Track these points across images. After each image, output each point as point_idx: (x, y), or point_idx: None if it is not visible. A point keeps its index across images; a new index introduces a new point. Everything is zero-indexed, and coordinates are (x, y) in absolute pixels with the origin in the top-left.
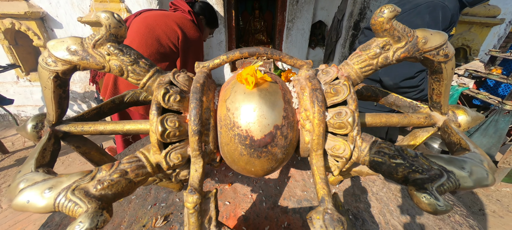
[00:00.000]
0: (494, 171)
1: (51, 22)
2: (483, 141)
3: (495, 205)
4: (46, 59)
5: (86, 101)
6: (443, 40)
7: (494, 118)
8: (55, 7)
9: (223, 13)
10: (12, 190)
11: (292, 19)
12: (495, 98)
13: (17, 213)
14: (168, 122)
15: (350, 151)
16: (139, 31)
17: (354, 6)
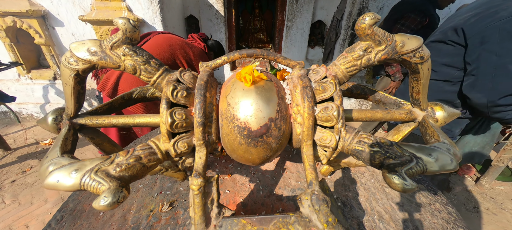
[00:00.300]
0: (459, 158)
1: (53, 20)
2: (477, 139)
3: (489, 202)
4: (69, 59)
5: (87, 99)
6: (419, 44)
7: None
8: (57, 6)
9: (223, 12)
10: (43, 172)
11: (291, 19)
12: None
13: (20, 209)
14: (176, 115)
15: (335, 141)
16: (161, 46)
17: (353, 6)
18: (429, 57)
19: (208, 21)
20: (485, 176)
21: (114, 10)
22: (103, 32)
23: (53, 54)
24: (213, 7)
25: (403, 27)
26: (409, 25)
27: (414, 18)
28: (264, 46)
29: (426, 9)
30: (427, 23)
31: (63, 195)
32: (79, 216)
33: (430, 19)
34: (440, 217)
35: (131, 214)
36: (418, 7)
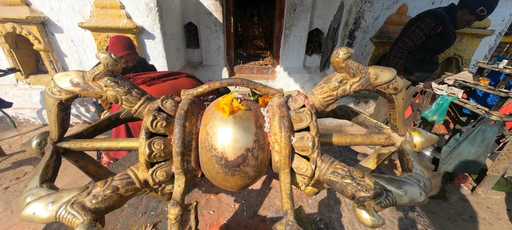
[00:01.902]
0: (429, 190)
1: (52, 27)
2: (472, 150)
3: (485, 212)
4: (52, 89)
5: (84, 104)
6: (392, 76)
7: (481, 128)
8: (57, 12)
9: (222, 19)
10: (20, 203)
11: (289, 27)
12: (482, 108)
13: (12, 216)
14: (154, 145)
15: (311, 170)
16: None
17: (349, 16)
18: (403, 88)
19: (207, 28)
20: (481, 185)
21: (113, 17)
22: (102, 39)
23: (52, 60)
24: (212, 15)
25: (417, 29)
26: (422, 28)
27: (429, 22)
28: (262, 52)
29: (442, 17)
30: (440, 31)
31: None
32: None
33: (444, 28)
34: None
35: None
36: (436, 14)
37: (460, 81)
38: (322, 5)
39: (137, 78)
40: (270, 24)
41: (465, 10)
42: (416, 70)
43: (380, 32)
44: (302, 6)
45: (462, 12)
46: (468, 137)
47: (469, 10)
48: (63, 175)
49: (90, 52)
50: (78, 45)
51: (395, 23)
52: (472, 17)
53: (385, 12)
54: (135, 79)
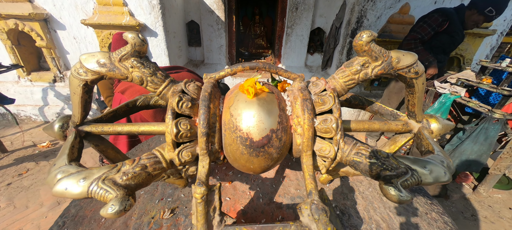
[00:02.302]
0: (452, 170)
1: (54, 24)
2: (474, 148)
3: (487, 211)
4: (78, 70)
5: None
6: (414, 60)
7: (484, 126)
8: (59, 9)
9: (224, 18)
10: (51, 180)
11: (291, 26)
12: (485, 107)
13: (15, 212)
14: (181, 125)
15: (334, 152)
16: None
17: (352, 14)
18: (423, 72)
19: (209, 27)
20: (482, 184)
21: (116, 14)
22: (105, 36)
23: (54, 57)
24: (214, 13)
25: (425, 24)
26: (430, 24)
27: (436, 17)
28: (264, 51)
29: (450, 14)
30: (446, 27)
31: (59, 199)
32: (81, 222)
33: (450, 25)
34: (436, 227)
35: (133, 221)
36: (443, 11)
37: (463, 80)
38: (324, 4)
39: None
40: (271, 23)
41: (474, 10)
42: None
43: (383, 31)
44: (304, 5)
45: (471, 12)
46: (471, 135)
47: (478, 11)
48: None
49: (92, 49)
50: (80, 42)
51: (397, 22)
52: (480, 18)
53: (388, 11)
54: None
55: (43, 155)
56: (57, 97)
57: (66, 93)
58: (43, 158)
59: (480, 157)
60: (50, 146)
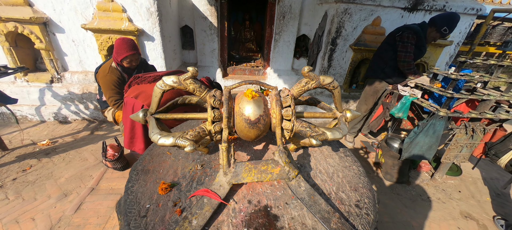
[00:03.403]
0: (344, 132)
1: (54, 27)
2: (426, 140)
3: (441, 193)
4: (161, 85)
5: (83, 101)
6: (331, 80)
7: (432, 122)
8: (59, 14)
9: (216, 23)
10: (155, 138)
11: (279, 32)
12: (434, 106)
13: (25, 204)
14: (215, 112)
15: (291, 126)
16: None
17: (332, 25)
18: (338, 86)
19: (202, 32)
20: (437, 171)
21: (115, 20)
22: (104, 40)
23: (52, 59)
24: (207, 19)
25: (410, 44)
26: (411, 42)
27: (412, 36)
28: (254, 55)
29: (418, 31)
30: (416, 42)
31: (65, 191)
32: (147, 172)
33: (418, 40)
34: (352, 171)
35: (179, 171)
36: (413, 29)
37: (419, 84)
38: (308, 13)
39: (146, 77)
40: (260, 28)
41: (433, 28)
42: (394, 75)
43: (358, 40)
44: (290, 13)
45: (431, 30)
46: (423, 130)
47: (436, 28)
48: (68, 167)
49: (90, 52)
50: (78, 45)
51: (370, 33)
52: (437, 35)
53: (362, 23)
54: (143, 77)
55: (44, 152)
56: (54, 97)
57: (63, 93)
58: (44, 155)
59: (430, 148)
60: (50, 144)
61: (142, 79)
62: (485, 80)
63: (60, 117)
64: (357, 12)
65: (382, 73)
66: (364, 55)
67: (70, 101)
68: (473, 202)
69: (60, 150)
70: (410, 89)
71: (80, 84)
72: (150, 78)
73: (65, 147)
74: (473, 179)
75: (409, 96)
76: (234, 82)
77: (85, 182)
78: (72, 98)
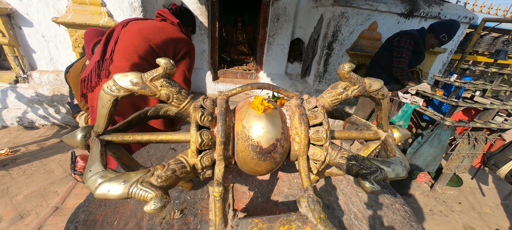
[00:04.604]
0: (408, 169)
1: (20, 20)
2: (431, 150)
3: (442, 206)
4: (111, 87)
5: (54, 105)
6: (381, 86)
7: (437, 132)
8: (26, 5)
9: (207, 23)
10: (91, 184)
11: (273, 35)
12: (438, 115)
13: None
14: (204, 135)
15: (324, 156)
16: (133, 43)
17: (328, 28)
18: (388, 94)
19: None
20: (438, 182)
21: (93, 14)
22: (79, 36)
23: (17, 55)
24: (197, 18)
25: (405, 50)
26: (408, 48)
27: (410, 41)
28: (246, 58)
29: (416, 37)
30: (414, 48)
31: (21, 212)
32: (94, 226)
33: (416, 46)
34: (398, 214)
35: (145, 222)
36: (411, 34)
37: (420, 91)
38: (303, 16)
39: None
40: (253, 31)
41: (432, 35)
42: (391, 81)
43: (355, 45)
44: (285, 16)
45: (429, 36)
46: (428, 140)
47: (435, 35)
48: (29, 182)
49: (63, 49)
50: (49, 41)
51: (367, 38)
52: (436, 41)
53: (359, 27)
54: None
55: (1, 163)
56: (19, 99)
57: (30, 95)
58: (1, 167)
59: (435, 159)
60: (9, 154)
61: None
62: (487, 88)
63: (26, 121)
64: (354, 16)
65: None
66: (360, 61)
67: (38, 104)
68: (474, 214)
69: (21, 161)
70: (411, 96)
71: (50, 85)
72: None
73: (28, 157)
74: (471, 190)
75: (410, 103)
76: (226, 86)
77: (48, 199)
78: (40, 100)
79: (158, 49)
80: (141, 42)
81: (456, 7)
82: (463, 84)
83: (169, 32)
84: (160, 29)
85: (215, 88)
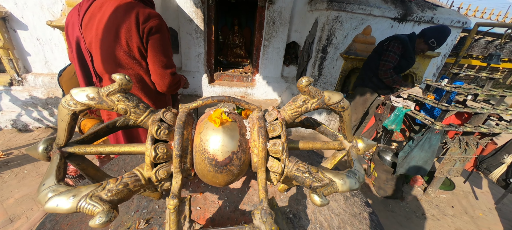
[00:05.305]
0: (362, 181)
1: (15, 23)
2: (421, 154)
3: (434, 209)
4: (68, 102)
5: (48, 107)
6: (340, 98)
7: (428, 136)
8: (21, 8)
9: (203, 27)
10: (42, 198)
11: (268, 38)
12: (429, 119)
13: None
14: (158, 149)
15: (281, 168)
16: (101, 42)
17: (322, 32)
18: (348, 106)
19: (187, 35)
20: (430, 186)
21: None
22: None
23: (12, 58)
24: (193, 22)
25: (392, 53)
26: (395, 51)
27: (398, 46)
28: (242, 61)
29: (405, 42)
30: (403, 53)
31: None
32: None
33: (405, 51)
34: (365, 223)
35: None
36: (400, 39)
37: (412, 95)
38: (298, 20)
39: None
40: (250, 34)
41: (421, 40)
42: (382, 84)
43: (349, 49)
44: (280, 20)
45: (419, 41)
46: (418, 144)
47: (424, 40)
48: (20, 185)
49: (58, 52)
50: (44, 44)
51: (361, 42)
52: (425, 46)
53: (353, 31)
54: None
55: None
56: (13, 102)
57: (24, 98)
58: None
59: (426, 162)
60: (2, 157)
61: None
62: (477, 92)
63: (20, 124)
64: (348, 20)
65: (371, 83)
66: (354, 64)
67: (32, 106)
68: (467, 218)
69: (14, 164)
70: (403, 100)
71: (45, 87)
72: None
73: (21, 160)
74: (464, 193)
75: (402, 107)
76: (222, 89)
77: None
78: (34, 103)
79: (123, 40)
80: (111, 40)
81: (449, 12)
82: (454, 88)
83: (121, 12)
84: (124, 10)
85: (211, 90)
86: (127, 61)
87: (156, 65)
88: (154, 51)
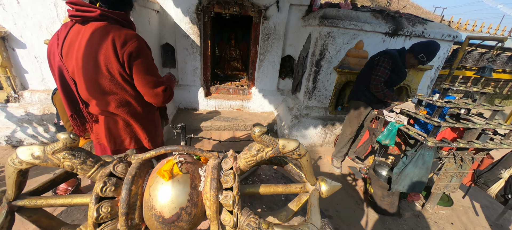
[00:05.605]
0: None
1: (13, 42)
2: (415, 171)
3: (434, 226)
4: (14, 160)
5: (43, 123)
6: (296, 146)
7: (421, 152)
8: (21, 28)
9: (199, 42)
10: None
11: (264, 52)
12: (422, 134)
13: None
14: (102, 209)
15: (233, 222)
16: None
17: (316, 47)
18: (306, 152)
19: (184, 50)
20: (428, 202)
21: None
22: None
23: (9, 76)
24: (189, 37)
25: (382, 68)
26: (385, 66)
27: (387, 61)
28: (239, 74)
29: (394, 57)
30: (393, 67)
31: None
32: None
33: (395, 65)
34: None
35: None
36: (389, 54)
37: (404, 110)
38: (293, 35)
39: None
40: (246, 47)
41: (411, 54)
42: (374, 98)
43: (342, 63)
44: (275, 35)
45: (409, 56)
46: (412, 160)
47: (414, 55)
48: None
49: None
50: (42, 61)
51: (353, 56)
52: (415, 61)
53: (345, 46)
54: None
55: None
56: (9, 118)
57: (20, 114)
58: None
59: (421, 179)
60: None
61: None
62: (469, 107)
63: (14, 141)
64: (340, 35)
65: (363, 96)
66: (348, 78)
67: (27, 123)
68: None
69: (3, 182)
70: (396, 115)
71: (41, 104)
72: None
73: None
74: (464, 209)
75: (395, 122)
76: (218, 103)
77: (25, 224)
78: (30, 119)
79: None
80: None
81: (439, 26)
82: (445, 104)
83: (97, 38)
84: (100, 37)
85: (207, 104)
86: (110, 87)
87: (146, 88)
88: (140, 74)
